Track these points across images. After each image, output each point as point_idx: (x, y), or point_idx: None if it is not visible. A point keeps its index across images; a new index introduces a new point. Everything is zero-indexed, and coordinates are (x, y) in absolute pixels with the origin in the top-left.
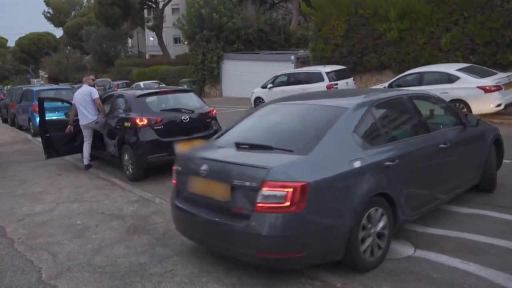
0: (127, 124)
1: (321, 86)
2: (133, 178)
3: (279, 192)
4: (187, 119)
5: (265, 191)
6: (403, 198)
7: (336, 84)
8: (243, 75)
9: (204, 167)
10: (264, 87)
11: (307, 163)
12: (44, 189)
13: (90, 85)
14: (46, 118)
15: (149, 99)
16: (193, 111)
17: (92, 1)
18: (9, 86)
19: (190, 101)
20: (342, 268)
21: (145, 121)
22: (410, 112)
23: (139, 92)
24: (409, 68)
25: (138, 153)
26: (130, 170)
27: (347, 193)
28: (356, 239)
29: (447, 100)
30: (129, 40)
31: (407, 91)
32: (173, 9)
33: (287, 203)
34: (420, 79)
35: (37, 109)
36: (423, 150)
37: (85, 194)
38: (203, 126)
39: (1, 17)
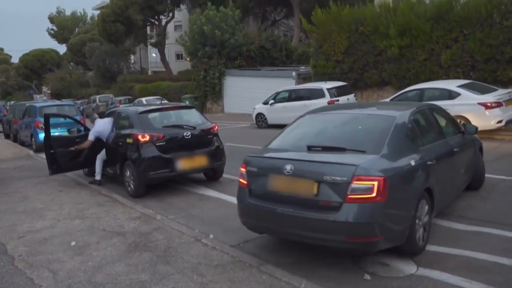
0: (129, 140)
1: (322, 102)
2: (134, 195)
3: (367, 185)
4: (189, 135)
5: (355, 184)
6: (437, 193)
7: (337, 100)
8: (245, 91)
9: (289, 166)
10: (265, 103)
11: (382, 161)
12: (45, 205)
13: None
14: (52, 134)
15: (152, 115)
16: (195, 128)
17: (96, 18)
18: (12, 102)
19: (192, 117)
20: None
21: (147, 138)
22: (432, 120)
23: (141, 109)
24: (409, 84)
25: (139, 170)
26: (132, 186)
27: (411, 187)
28: (414, 226)
29: None
30: (132, 56)
31: (425, 103)
32: (175, 26)
33: (374, 194)
34: (421, 96)
35: (40, 125)
36: (447, 152)
37: (86, 210)
38: (205, 143)
39: (6, 34)
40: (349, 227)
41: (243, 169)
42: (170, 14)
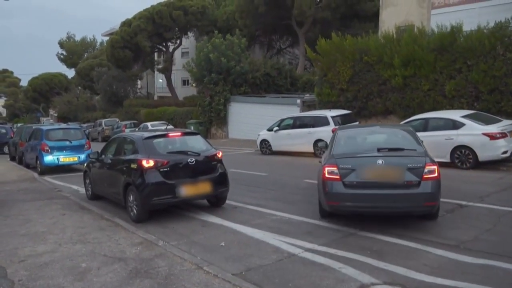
0: (133, 165)
1: (326, 130)
2: (137, 220)
3: (432, 168)
4: (193, 161)
5: (427, 168)
6: None
7: None
8: (249, 118)
9: (380, 161)
10: (270, 129)
11: (428, 154)
12: (48, 229)
13: None
14: (55, 157)
15: (156, 141)
16: (199, 154)
17: (105, 44)
18: (19, 124)
19: (197, 143)
20: None
21: (151, 163)
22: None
23: (146, 134)
24: (414, 114)
25: (143, 195)
26: (135, 211)
27: None
28: None
29: (452, 146)
30: (139, 82)
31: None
32: (182, 52)
33: (436, 174)
34: (425, 125)
35: (45, 148)
36: None
37: (88, 235)
38: (209, 169)
39: (16, 57)
40: (426, 196)
41: (333, 168)
42: (178, 41)
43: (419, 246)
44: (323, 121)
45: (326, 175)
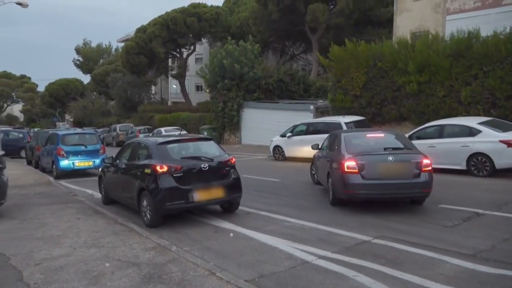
0: (147, 170)
1: None
2: (150, 225)
3: (428, 162)
4: (206, 167)
5: (423, 162)
6: None
7: None
8: (262, 124)
9: (391, 157)
10: (283, 135)
11: (422, 153)
12: (63, 232)
13: None
14: (71, 161)
15: (170, 146)
16: (212, 159)
17: (120, 50)
18: (35, 129)
19: (210, 149)
20: None
21: (165, 168)
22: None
23: (160, 140)
24: (428, 120)
25: (156, 200)
26: (148, 216)
27: None
28: None
29: (469, 153)
30: (153, 87)
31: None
32: (196, 58)
33: (430, 167)
34: (441, 132)
35: (61, 153)
36: None
37: (102, 239)
38: (222, 175)
39: (34, 64)
40: (424, 184)
41: (352, 162)
42: (192, 47)
43: (435, 255)
44: (336, 127)
45: (346, 169)
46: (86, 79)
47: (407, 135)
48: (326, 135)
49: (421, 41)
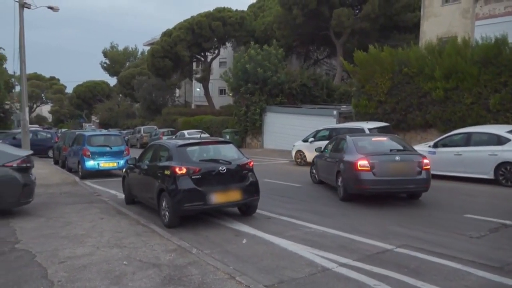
0: (167, 172)
1: None
2: (168, 225)
3: (427, 161)
4: (224, 170)
5: (424, 161)
6: None
7: None
8: (285, 128)
9: (398, 157)
10: (305, 140)
11: (421, 154)
12: (87, 232)
13: None
14: (96, 162)
15: (190, 149)
16: (230, 163)
17: (146, 54)
18: (63, 130)
19: (229, 152)
20: None
21: (184, 170)
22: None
23: (180, 142)
24: (455, 128)
25: (175, 201)
26: (167, 216)
27: None
28: None
29: (497, 162)
30: (177, 90)
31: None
32: (220, 62)
33: (429, 166)
34: (468, 140)
35: (87, 153)
36: None
37: (124, 239)
38: (240, 178)
39: (63, 66)
40: (425, 181)
41: (365, 162)
42: (216, 51)
43: (460, 266)
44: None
45: (359, 168)
46: (112, 81)
47: (432, 143)
48: None
49: (449, 46)
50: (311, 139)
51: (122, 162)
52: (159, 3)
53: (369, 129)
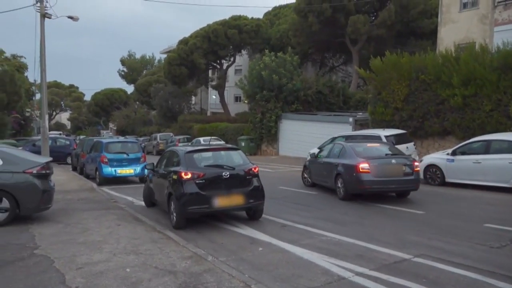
0: (175, 176)
1: None
2: (176, 226)
3: (417, 164)
4: (227, 175)
5: (415, 164)
6: None
7: None
8: (300, 135)
9: (394, 160)
10: (321, 148)
11: (412, 157)
12: (104, 238)
13: None
14: (113, 169)
15: (197, 155)
16: (234, 168)
17: (162, 61)
18: (81, 137)
19: (235, 158)
20: None
21: (189, 175)
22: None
23: (189, 149)
24: (474, 135)
25: (180, 203)
26: (174, 218)
27: None
28: None
29: None
30: (193, 98)
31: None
32: (236, 69)
33: (419, 168)
34: (487, 147)
35: (104, 160)
36: None
37: (141, 246)
38: (243, 183)
39: (82, 74)
40: (416, 181)
41: (366, 165)
42: (232, 59)
43: (480, 277)
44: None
45: (361, 170)
46: (129, 89)
47: (450, 150)
48: None
49: (467, 53)
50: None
51: (138, 169)
52: (176, 12)
53: (386, 136)
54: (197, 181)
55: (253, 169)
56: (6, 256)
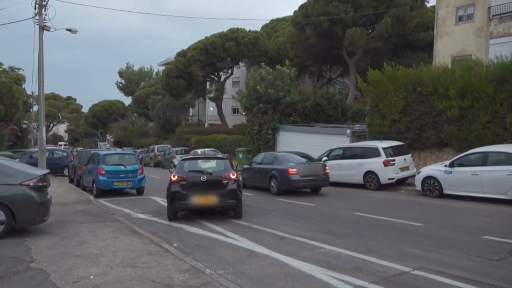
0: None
1: (377, 162)
2: (168, 219)
3: (327, 167)
4: (205, 179)
5: (326, 167)
6: None
7: (394, 160)
8: (298, 147)
9: (313, 164)
10: (319, 159)
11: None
12: (100, 251)
13: None
14: (110, 180)
15: (188, 162)
16: (211, 173)
17: (160, 74)
18: (79, 148)
19: (218, 166)
20: None
21: (176, 178)
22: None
23: (184, 157)
24: (471, 147)
25: (168, 200)
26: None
27: None
28: None
29: None
30: (191, 109)
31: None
32: (233, 82)
33: (328, 170)
34: (484, 159)
35: (101, 172)
36: None
37: (138, 259)
38: (219, 186)
39: (80, 86)
40: (327, 178)
41: (294, 169)
42: (229, 71)
43: None
44: (374, 152)
45: (291, 172)
46: (127, 101)
47: (448, 162)
48: (363, 160)
49: (461, 66)
50: (325, 158)
51: (136, 180)
52: (174, 25)
53: (384, 148)
54: (181, 183)
55: (229, 174)
56: (2, 269)
